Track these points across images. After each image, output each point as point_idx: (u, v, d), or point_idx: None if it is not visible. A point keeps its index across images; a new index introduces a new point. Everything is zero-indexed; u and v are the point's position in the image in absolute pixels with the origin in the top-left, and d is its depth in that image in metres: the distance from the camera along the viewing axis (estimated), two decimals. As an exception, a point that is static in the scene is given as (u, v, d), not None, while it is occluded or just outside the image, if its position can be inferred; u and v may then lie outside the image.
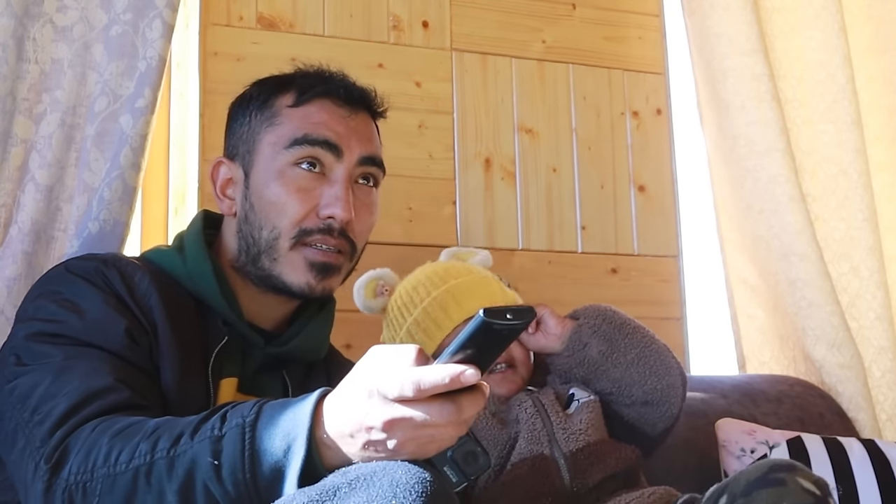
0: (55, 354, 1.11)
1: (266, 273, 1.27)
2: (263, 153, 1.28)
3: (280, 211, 1.26)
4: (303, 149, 1.27)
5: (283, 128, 1.28)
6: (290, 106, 1.29)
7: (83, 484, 0.98)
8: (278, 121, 1.29)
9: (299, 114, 1.29)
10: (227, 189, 1.32)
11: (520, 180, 2.01)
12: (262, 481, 0.93)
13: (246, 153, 1.30)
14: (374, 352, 0.93)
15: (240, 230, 1.29)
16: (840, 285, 2.04)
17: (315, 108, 1.29)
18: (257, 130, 1.30)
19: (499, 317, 0.84)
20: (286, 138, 1.27)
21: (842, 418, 1.91)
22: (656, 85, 2.16)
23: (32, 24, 1.48)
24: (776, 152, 1.97)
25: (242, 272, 1.30)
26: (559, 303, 1.97)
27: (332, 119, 1.29)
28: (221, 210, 1.32)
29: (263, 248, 1.27)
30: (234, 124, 1.34)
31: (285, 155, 1.27)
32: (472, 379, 0.86)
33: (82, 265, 1.22)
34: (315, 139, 1.27)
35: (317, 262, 1.26)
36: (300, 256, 1.26)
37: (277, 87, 1.32)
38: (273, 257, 1.26)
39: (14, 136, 1.45)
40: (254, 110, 1.31)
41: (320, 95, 1.30)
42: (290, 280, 1.26)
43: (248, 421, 0.95)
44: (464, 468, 0.96)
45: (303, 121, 1.28)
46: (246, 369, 1.28)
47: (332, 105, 1.30)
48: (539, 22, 2.08)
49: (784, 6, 2.11)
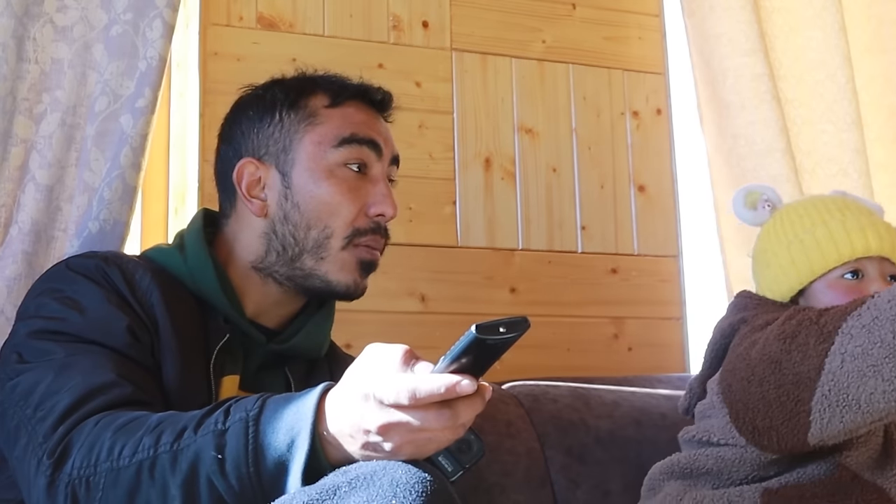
0: (57, 351, 1.11)
1: (305, 272, 1.27)
2: (306, 152, 1.28)
3: (333, 211, 1.27)
4: (352, 148, 1.28)
5: (325, 127, 1.29)
6: (326, 106, 1.30)
7: (86, 479, 0.98)
8: (318, 120, 1.29)
9: (339, 114, 1.30)
10: (253, 190, 1.30)
11: (520, 180, 2.01)
12: (265, 475, 0.93)
13: (280, 153, 1.29)
14: (368, 351, 0.93)
15: (272, 230, 1.28)
16: (840, 285, 2.04)
17: (353, 109, 1.31)
18: (294, 129, 1.29)
19: (492, 332, 0.85)
20: (332, 137, 1.28)
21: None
22: (656, 85, 2.16)
23: (32, 24, 1.48)
24: (776, 152, 1.97)
25: (266, 272, 1.29)
26: (559, 303, 1.97)
27: (370, 119, 1.33)
28: (251, 211, 1.30)
29: (310, 246, 1.27)
30: (255, 124, 1.32)
31: (334, 154, 1.28)
32: (468, 389, 0.86)
33: (83, 263, 1.22)
34: (362, 138, 1.29)
35: (366, 262, 1.29)
36: (352, 256, 1.27)
37: (305, 88, 1.32)
38: (321, 256, 1.27)
39: (14, 136, 1.45)
40: (285, 110, 1.31)
41: (354, 97, 1.32)
42: (335, 279, 1.27)
43: (252, 415, 0.95)
44: (458, 457, 0.96)
45: (344, 120, 1.30)
46: (248, 367, 1.28)
47: (365, 106, 1.33)
48: (539, 22, 2.08)
49: (784, 6, 2.11)
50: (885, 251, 1.39)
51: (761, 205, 1.53)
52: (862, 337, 1.16)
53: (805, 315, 1.27)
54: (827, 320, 1.23)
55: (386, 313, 1.84)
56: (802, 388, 1.20)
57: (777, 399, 1.23)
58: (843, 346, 1.18)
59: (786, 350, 1.23)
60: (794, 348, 1.23)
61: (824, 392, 1.18)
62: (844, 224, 1.40)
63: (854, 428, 1.21)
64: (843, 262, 1.39)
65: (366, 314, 1.73)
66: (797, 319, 1.27)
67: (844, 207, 1.44)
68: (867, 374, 1.15)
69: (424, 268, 1.90)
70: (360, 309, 1.59)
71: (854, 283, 1.39)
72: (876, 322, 1.15)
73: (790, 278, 1.43)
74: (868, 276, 1.39)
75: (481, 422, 1.26)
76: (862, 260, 1.39)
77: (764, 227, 1.52)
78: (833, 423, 1.20)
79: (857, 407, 1.17)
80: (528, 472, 1.58)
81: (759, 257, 1.51)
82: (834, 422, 1.19)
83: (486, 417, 1.53)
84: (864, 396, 1.16)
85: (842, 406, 1.18)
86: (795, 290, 1.44)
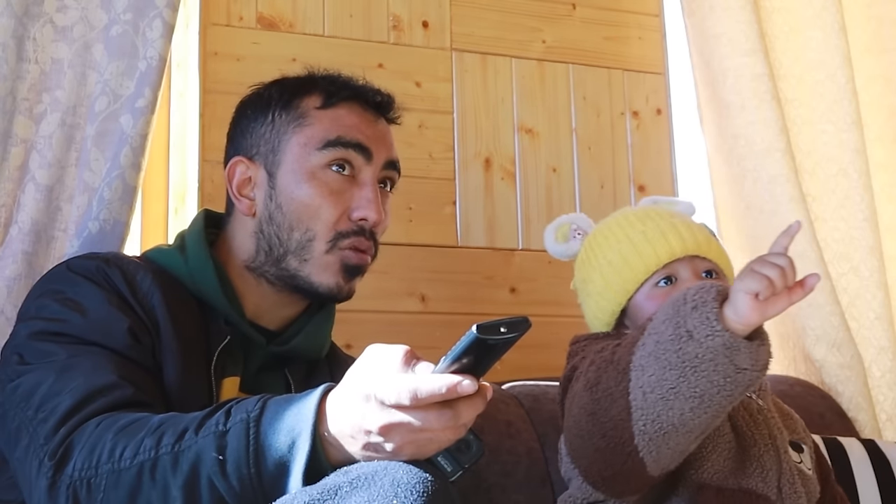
0: (58, 353, 1.12)
1: (291, 273, 1.28)
2: (291, 153, 1.28)
3: (313, 213, 1.26)
4: (336, 150, 1.28)
5: (313, 129, 1.29)
6: (318, 108, 1.30)
7: (87, 480, 0.99)
8: (307, 122, 1.29)
9: (329, 116, 1.29)
10: (244, 189, 1.31)
11: (520, 180, 2.01)
12: (266, 477, 0.93)
13: (269, 153, 1.30)
14: (369, 352, 0.93)
15: (260, 230, 1.29)
16: (840, 285, 2.04)
17: (345, 111, 1.30)
18: (283, 130, 1.30)
19: (492, 332, 0.85)
20: (318, 139, 1.28)
21: (842, 418, 1.91)
22: (656, 85, 2.16)
23: (32, 24, 1.47)
24: (776, 152, 1.97)
25: (258, 272, 1.30)
26: (559, 303, 1.97)
27: (362, 122, 1.31)
28: (239, 210, 1.31)
29: (293, 248, 1.27)
30: (251, 123, 1.33)
31: (318, 156, 1.27)
32: (469, 389, 0.86)
33: (84, 264, 1.22)
34: (349, 141, 1.28)
35: (351, 265, 1.28)
36: (336, 259, 1.27)
37: (300, 89, 1.32)
38: (304, 258, 1.27)
39: (14, 136, 1.45)
40: (277, 110, 1.31)
41: (349, 99, 1.31)
42: (317, 281, 1.27)
43: (253, 416, 0.95)
44: (457, 457, 0.95)
45: (333, 123, 1.29)
46: (248, 368, 1.28)
47: (360, 108, 1.32)
48: (539, 22, 2.08)
49: (784, 6, 2.11)
50: (690, 250, 1.36)
51: (572, 235, 1.49)
52: (651, 366, 1.14)
53: (601, 356, 1.25)
54: (620, 356, 1.20)
55: (386, 313, 1.84)
56: (621, 430, 1.17)
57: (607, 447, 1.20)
58: (639, 381, 1.15)
59: (594, 399, 1.21)
60: (600, 395, 1.20)
61: (640, 428, 1.16)
62: (646, 234, 1.38)
63: (686, 448, 1.19)
64: (652, 271, 1.36)
65: (366, 314, 1.74)
66: (596, 364, 1.25)
67: (645, 217, 1.41)
68: (669, 398, 1.13)
69: (424, 268, 1.90)
70: (360, 309, 1.59)
71: (669, 288, 1.35)
72: (659, 347, 1.13)
73: (610, 302, 1.40)
74: (681, 278, 1.36)
75: (481, 422, 1.25)
76: (671, 264, 1.36)
77: (577, 257, 1.49)
78: (663, 452, 1.17)
79: (675, 431, 1.15)
80: (528, 472, 1.58)
81: (580, 288, 1.47)
82: (663, 451, 1.17)
83: (486, 417, 1.52)
84: (676, 419, 1.14)
85: (662, 435, 1.15)
86: (618, 312, 1.40)
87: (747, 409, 1.34)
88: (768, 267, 1.09)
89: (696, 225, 1.42)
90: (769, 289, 1.08)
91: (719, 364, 1.10)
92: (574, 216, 1.51)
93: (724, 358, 1.10)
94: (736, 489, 1.26)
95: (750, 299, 1.08)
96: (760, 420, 1.33)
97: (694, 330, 1.10)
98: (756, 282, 1.08)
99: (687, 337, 1.11)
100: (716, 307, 1.11)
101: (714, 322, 1.09)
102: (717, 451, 1.28)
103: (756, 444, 1.30)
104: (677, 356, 1.12)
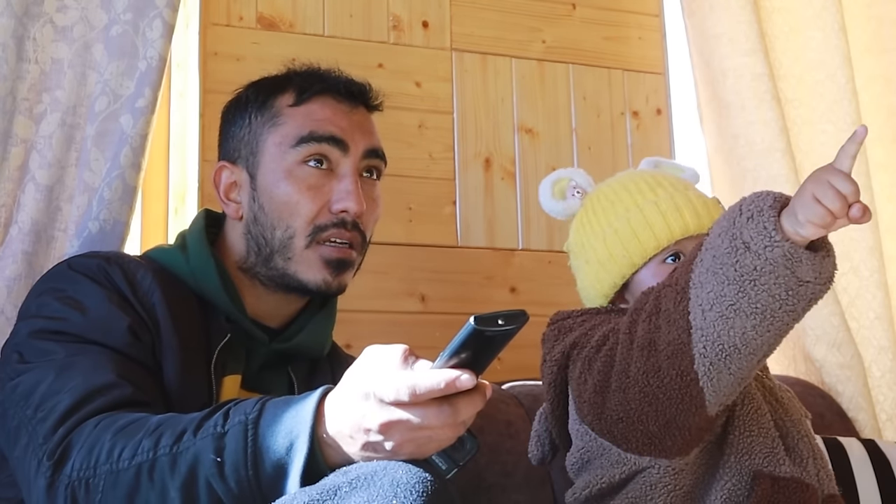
0: (58, 351, 1.12)
1: (280, 272, 1.28)
2: (269, 154, 1.29)
3: (292, 210, 1.27)
4: (310, 146, 1.28)
5: (286, 127, 1.29)
6: (291, 105, 1.30)
7: (86, 480, 0.99)
8: (281, 120, 1.29)
9: (301, 112, 1.30)
10: (231, 193, 1.32)
11: (520, 180, 2.01)
12: (264, 478, 0.93)
13: (249, 155, 1.31)
14: (367, 352, 0.93)
15: (248, 232, 1.30)
16: (840, 285, 2.04)
17: (317, 106, 1.30)
18: (259, 132, 1.30)
19: (490, 324, 0.84)
20: (292, 137, 1.28)
21: (842, 418, 1.91)
22: (656, 85, 2.16)
23: (32, 24, 1.47)
24: (776, 152, 1.97)
25: (251, 273, 1.30)
26: (559, 303, 1.96)
27: (336, 115, 1.31)
28: (228, 214, 1.33)
29: (277, 247, 1.27)
30: (231, 128, 1.34)
31: (292, 154, 1.28)
32: (468, 384, 0.86)
33: (85, 262, 1.22)
34: (321, 136, 1.28)
35: (332, 259, 1.27)
36: (316, 254, 1.27)
37: (274, 88, 1.33)
38: (287, 256, 1.27)
39: (14, 136, 1.45)
40: (253, 112, 1.32)
41: (320, 93, 1.31)
42: (305, 278, 1.27)
43: (251, 418, 0.95)
44: (452, 454, 0.95)
45: (306, 118, 1.29)
46: (250, 366, 1.29)
47: (333, 101, 1.31)
48: (539, 22, 2.08)
49: (784, 6, 2.11)
50: (703, 228, 1.29)
51: (570, 192, 1.41)
52: (710, 282, 1.08)
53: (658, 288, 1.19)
54: (678, 277, 1.14)
55: (386, 313, 1.84)
56: (681, 357, 1.11)
57: (661, 386, 1.13)
58: (698, 298, 1.09)
59: (655, 327, 1.15)
60: (661, 322, 1.14)
61: (700, 351, 1.10)
62: (658, 206, 1.31)
63: (748, 373, 1.12)
64: (663, 247, 1.29)
65: (366, 314, 1.74)
66: (654, 296, 1.18)
67: (657, 185, 1.34)
68: (729, 317, 1.07)
69: (424, 268, 1.90)
70: (360, 309, 1.59)
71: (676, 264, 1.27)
72: (716, 261, 1.08)
73: (611, 274, 1.33)
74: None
75: (481, 422, 1.25)
76: (682, 241, 1.30)
77: (577, 217, 1.40)
78: (723, 377, 1.11)
79: (736, 351, 1.09)
80: (528, 472, 1.58)
81: (577, 252, 1.39)
82: (724, 377, 1.11)
83: (486, 417, 1.53)
84: (738, 339, 1.08)
85: (723, 357, 1.09)
86: (619, 284, 1.33)
87: (772, 393, 1.31)
88: (830, 197, 1.03)
89: (710, 200, 1.36)
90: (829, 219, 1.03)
91: (780, 276, 1.05)
92: (572, 171, 1.44)
93: (784, 270, 1.04)
94: (789, 478, 1.22)
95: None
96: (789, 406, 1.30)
97: (751, 241, 1.05)
98: (817, 216, 1.03)
99: (744, 249, 1.05)
100: (773, 216, 1.05)
101: (773, 231, 1.04)
102: (762, 434, 1.24)
103: (789, 433, 1.27)
104: (735, 270, 1.06)
